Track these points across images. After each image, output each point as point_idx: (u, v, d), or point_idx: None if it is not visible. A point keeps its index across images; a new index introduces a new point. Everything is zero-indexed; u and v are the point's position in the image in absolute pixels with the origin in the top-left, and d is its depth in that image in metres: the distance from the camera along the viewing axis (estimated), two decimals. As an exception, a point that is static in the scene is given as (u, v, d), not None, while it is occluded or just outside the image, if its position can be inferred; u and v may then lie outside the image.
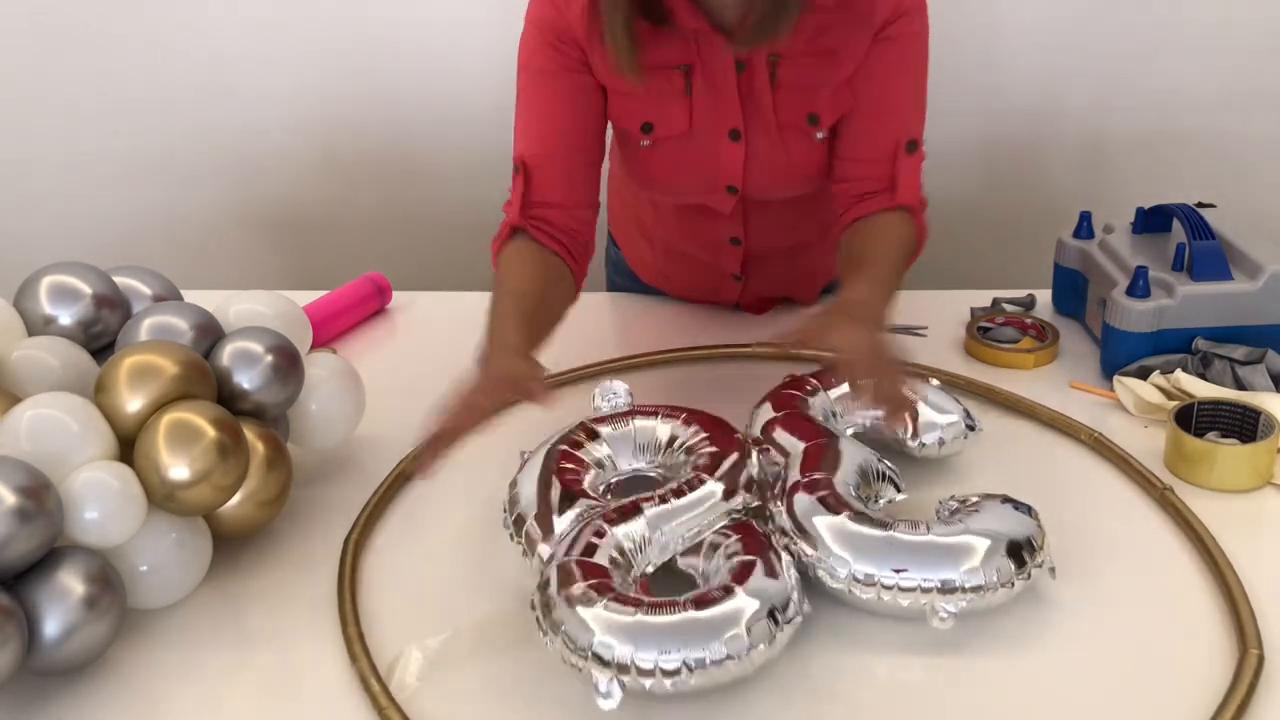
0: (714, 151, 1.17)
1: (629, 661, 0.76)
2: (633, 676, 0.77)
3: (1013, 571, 0.85)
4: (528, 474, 0.97)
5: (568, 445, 0.99)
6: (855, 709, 0.82)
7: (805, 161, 1.18)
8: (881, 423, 1.05)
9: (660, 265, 1.45)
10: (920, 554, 0.85)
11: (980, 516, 0.88)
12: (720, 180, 1.20)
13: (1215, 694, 0.80)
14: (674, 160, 1.18)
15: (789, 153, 1.17)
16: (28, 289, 1.03)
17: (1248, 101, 1.96)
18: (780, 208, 1.27)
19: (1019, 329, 1.32)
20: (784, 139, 1.16)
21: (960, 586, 0.84)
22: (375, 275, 1.48)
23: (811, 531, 0.88)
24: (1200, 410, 1.08)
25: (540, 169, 1.14)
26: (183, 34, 2.03)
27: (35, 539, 0.79)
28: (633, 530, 0.88)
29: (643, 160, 1.20)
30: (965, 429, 1.05)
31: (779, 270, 1.38)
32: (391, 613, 0.93)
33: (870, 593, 0.85)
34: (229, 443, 0.90)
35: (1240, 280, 1.18)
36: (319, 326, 1.33)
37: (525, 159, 1.15)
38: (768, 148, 1.16)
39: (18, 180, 2.17)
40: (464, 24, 1.99)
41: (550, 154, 1.14)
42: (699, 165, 1.18)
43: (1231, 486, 1.03)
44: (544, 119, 1.15)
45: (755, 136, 1.16)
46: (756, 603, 0.80)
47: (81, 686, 0.86)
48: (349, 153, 2.11)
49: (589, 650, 0.77)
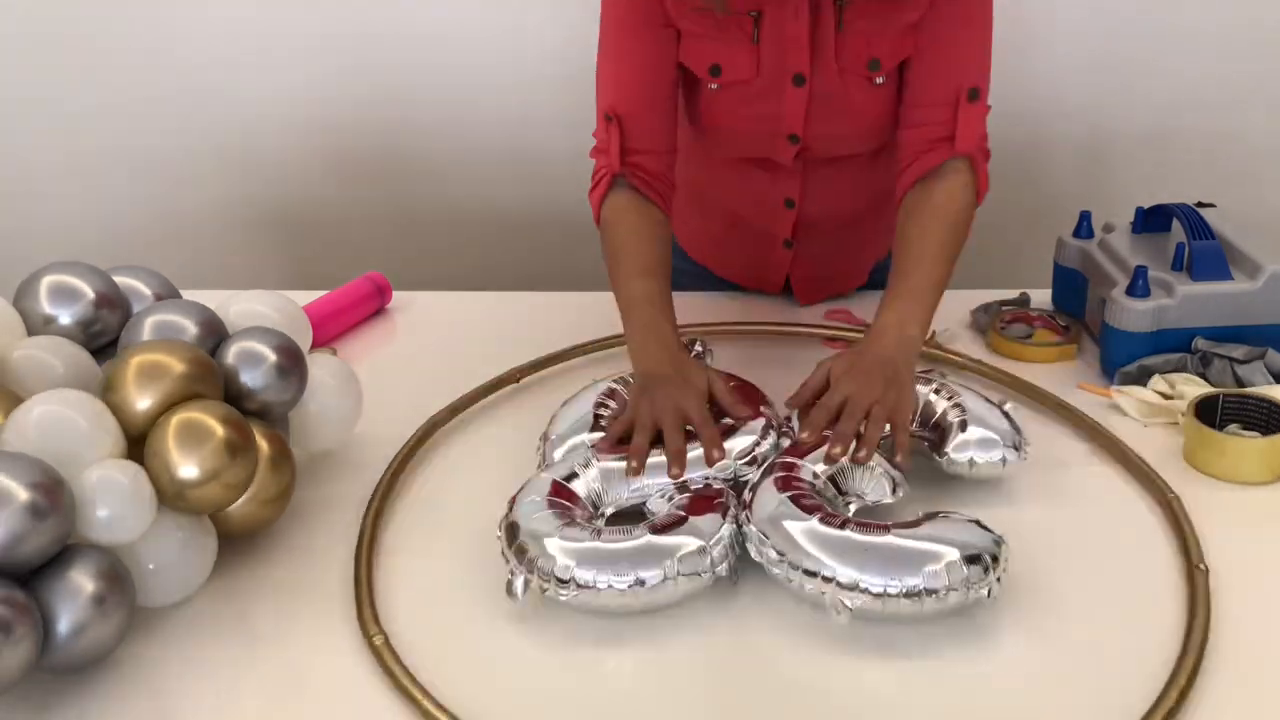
0: (778, 96, 1.20)
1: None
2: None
3: (921, 586, 0.84)
4: (572, 404, 1.08)
5: (616, 385, 1.10)
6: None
7: (865, 109, 1.21)
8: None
9: (711, 235, 1.46)
10: (838, 548, 0.86)
11: (934, 526, 0.88)
12: (783, 127, 1.23)
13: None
14: (739, 104, 1.22)
15: (849, 99, 1.20)
16: (28, 289, 1.03)
17: (1248, 101, 1.97)
18: (837, 170, 1.29)
19: (1027, 324, 1.32)
20: (845, 84, 1.19)
21: (855, 585, 0.85)
22: (375, 275, 1.48)
23: (748, 499, 0.93)
24: (1225, 403, 1.09)
25: (633, 118, 1.20)
26: (183, 34, 2.03)
27: (49, 536, 0.79)
28: (615, 470, 0.98)
29: (709, 105, 1.24)
30: (1006, 454, 1.00)
31: (830, 242, 1.38)
32: (409, 596, 0.94)
33: (779, 569, 0.88)
34: (239, 442, 0.90)
35: (1240, 280, 1.18)
36: (319, 326, 1.33)
37: (616, 109, 1.20)
38: (830, 93, 1.19)
39: (18, 180, 2.17)
40: (464, 24, 2.00)
41: (641, 104, 1.20)
42: (763, 111, 1.22)
43: (1246, 479, 1.04)
44: (633, 70, 1.20)
45: (818, 81, 1.19)
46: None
47: (89, 684, 0.86)
48: (348, 152, 2.12)
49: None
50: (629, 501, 0.98)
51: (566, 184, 2.14)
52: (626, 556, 0.87)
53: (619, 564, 0.86)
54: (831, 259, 1.42)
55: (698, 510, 0.92)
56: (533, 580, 0.88)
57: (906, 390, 1.02)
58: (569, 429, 1.05)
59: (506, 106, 2.06)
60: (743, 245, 1.42)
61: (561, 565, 0.86)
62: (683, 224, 1.48)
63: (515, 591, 0.88)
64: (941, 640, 0.87)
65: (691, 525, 0.90)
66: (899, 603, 0.84)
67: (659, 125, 1.21)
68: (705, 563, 0.87)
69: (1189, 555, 0.94)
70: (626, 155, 1.20)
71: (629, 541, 0.88)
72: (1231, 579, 0.92)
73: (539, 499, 0.93)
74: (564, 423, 1.06)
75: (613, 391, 1.09)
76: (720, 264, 1.48)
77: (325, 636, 0.90)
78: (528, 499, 0.94)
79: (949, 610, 0.85)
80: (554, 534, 0.89)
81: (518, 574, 0.89)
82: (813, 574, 0.86)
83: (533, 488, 0.95)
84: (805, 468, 0.96)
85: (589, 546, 0.88)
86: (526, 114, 2.05)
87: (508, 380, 1.25)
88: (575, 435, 1.04)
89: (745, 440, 1.00)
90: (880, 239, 1.39)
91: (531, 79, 2.01)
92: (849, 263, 1.44)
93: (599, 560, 0.87)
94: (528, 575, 0.88)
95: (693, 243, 1.49)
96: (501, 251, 2.18)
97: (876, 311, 1.11)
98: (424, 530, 1.04)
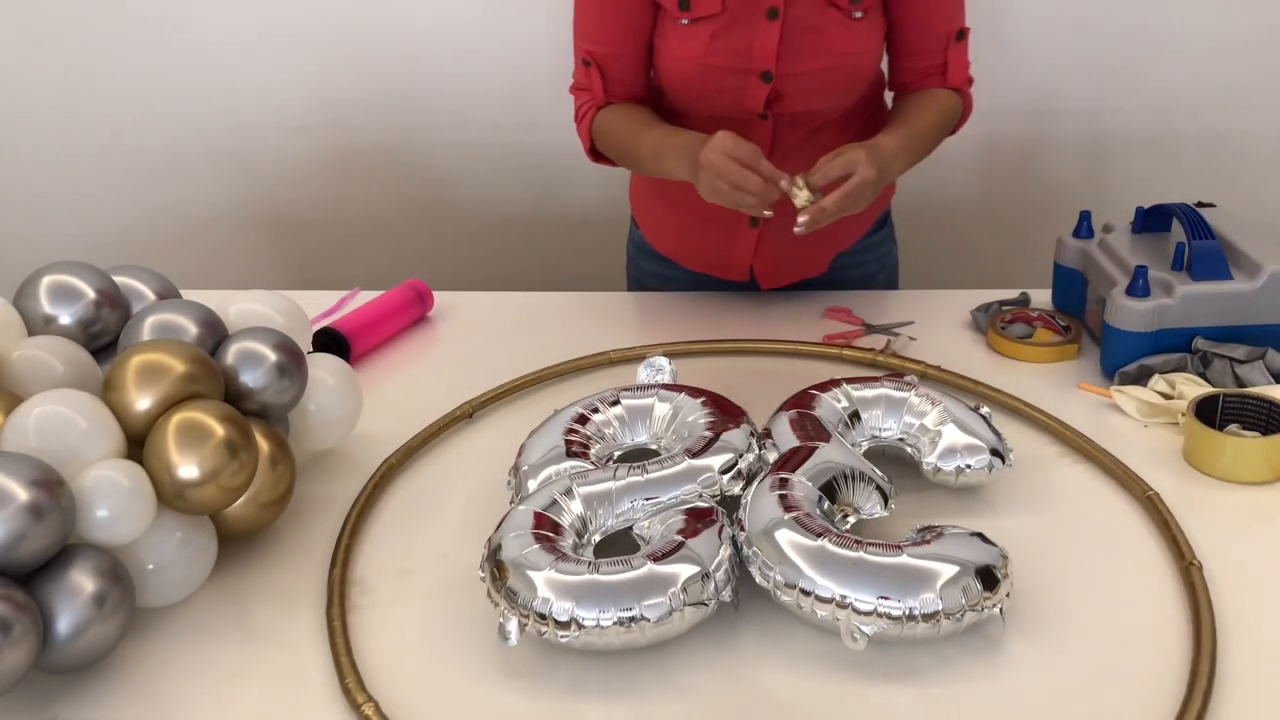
0: (750, 30, 1.24)
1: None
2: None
3: (938, 609, 0.82)
4: (541, 433, 1.03)
5: (584, 411, 1.05)
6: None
7: (839, 46, 1.27)
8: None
9: (677, 226, 1.47)
10: (846, 570, 0.83)
11: (940, 543, 0.86)
12: (755, 63, 1.26)
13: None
14: (710, 40, 1.26)
15: (825, 34, 1.25)
16: (28, 289, 1.03)
17: (1248, 101, 1.97)
18: (807, 138, 1.34)
19: (1027, 324, 1.32)
20: (823, 19, 1.25)
21: (875, 611, 0.82)
22: (416, 282, 1.46)
23: (747, 526, 0.89)
24: (1225, 403, 1.09)
25: (611, 58, 1.32)
26: (183, 34, 2.03)
27: (49, 536, 0.79)
28: (597, 494, 0.93)
29: (679, 44, 1.28)
30: (991, 462, 1.00)
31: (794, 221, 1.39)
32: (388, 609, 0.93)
33: (789, 596, 0.85)
34: (239, 442, 0.90)
35: (1240, 280, 1.18)
36: (360, 334, 1.34)
37: (594, 54, 1.32)
38: (804, 28, 1.25)
39: (18, 180, 2.18)
40: (464, 25, 2.00)
41: (616, 44, 1.32)
42: (735, 45, 1.25)
43: (1246, 479, 1.04)
44: (609, 14, 1.31)
45: (794, 15, 1.24)
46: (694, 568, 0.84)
47: (89, 684, 0.86)
48: (349, 153, 2.12)
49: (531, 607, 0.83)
50: (616, 526, 0.93)
51: (569, 184, 2.14)
52: (630, 588, 0.82)
53: (622, 597, 0.81)
54: (796, 240, 1.42)
55: (692, 533, 0.88)
56: (527, 623, 0.82)
57: (873, 192, 1.18)
58: (542, 459, 0.99)
59: (508, 106, 2.06)
60: (708, 232, 1.43)
61: (560, 607, 0.81)
62: (647, 217, 1.52)
63: (509, 634, 0.83)
64: (951, 660, 0.85)
65: (689, 550, 0.85)
66: (916, 626, 0.81)
67: (635, 66, 1.33)
68: (710, 589, 0.84)
69: (1180, 552, 0.94)
70: (611, 92, 1.34)
71: (630, 572, 0.83)
72: (1233, 579, 0.92)
73: (523, 533, 0.88)
74: (535, 453, 1.00)
75: (583, 418, 1.04)
76: (686, 255, 1.50)
77: (325, 636, 0.90)
78: (510, 534, 0.88)
79: (963, 630, 0.83)
80: (546, 569, 0.83)
81: (509, 616, 0.83)
82: (826, 600, 0.82)
83: (513, 522, 0.90)
84: (799, 483, 0.92)
85: (587, 580, 0.82)
86: (528, 114, 2.05)
87: (460, 416, 1.20)
88: (549, 465, 0.98)
89: (725, 456, 0.96)
90: (843, 227, 1.39)
91: (533, 79, 2.01)
92: (814, 246, 1.44)
93: (599, 595, 0.82)
94: (521, 617, 0.83)
95: (658, 236, 1.51)
96: (503, 251, 2.18)
97: (878, 136, 1.24)
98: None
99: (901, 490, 0.98)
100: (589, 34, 1.32)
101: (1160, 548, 0.97)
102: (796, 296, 1.46)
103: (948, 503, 1.03)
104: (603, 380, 1.27)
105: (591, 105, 1.34)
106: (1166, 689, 0.81)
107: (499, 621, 0.84)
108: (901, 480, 1.00)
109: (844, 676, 0.84)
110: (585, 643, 0.82)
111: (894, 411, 1.05)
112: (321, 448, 1.12)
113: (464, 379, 1.25)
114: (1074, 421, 1.13)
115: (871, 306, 1.43)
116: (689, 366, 1.25)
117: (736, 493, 0.95)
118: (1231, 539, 0.97)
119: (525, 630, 0.83)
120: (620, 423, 1.05)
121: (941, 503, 1.03)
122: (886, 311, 1.41)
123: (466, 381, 1.25)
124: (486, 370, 1.27)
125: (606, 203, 2.08)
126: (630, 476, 0.94)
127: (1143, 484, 1.03)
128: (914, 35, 1.33)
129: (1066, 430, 1.12)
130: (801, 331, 1.36)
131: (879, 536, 0.88)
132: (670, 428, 1.04)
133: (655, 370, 1.11)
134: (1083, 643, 0.87)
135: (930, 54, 1.33)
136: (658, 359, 1.12)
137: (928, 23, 1.32)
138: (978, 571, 0.83)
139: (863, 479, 0.95)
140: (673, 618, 0.82)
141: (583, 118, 1.36)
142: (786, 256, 1.44)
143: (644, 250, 1.55)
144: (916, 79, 1.35)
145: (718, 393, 1.06)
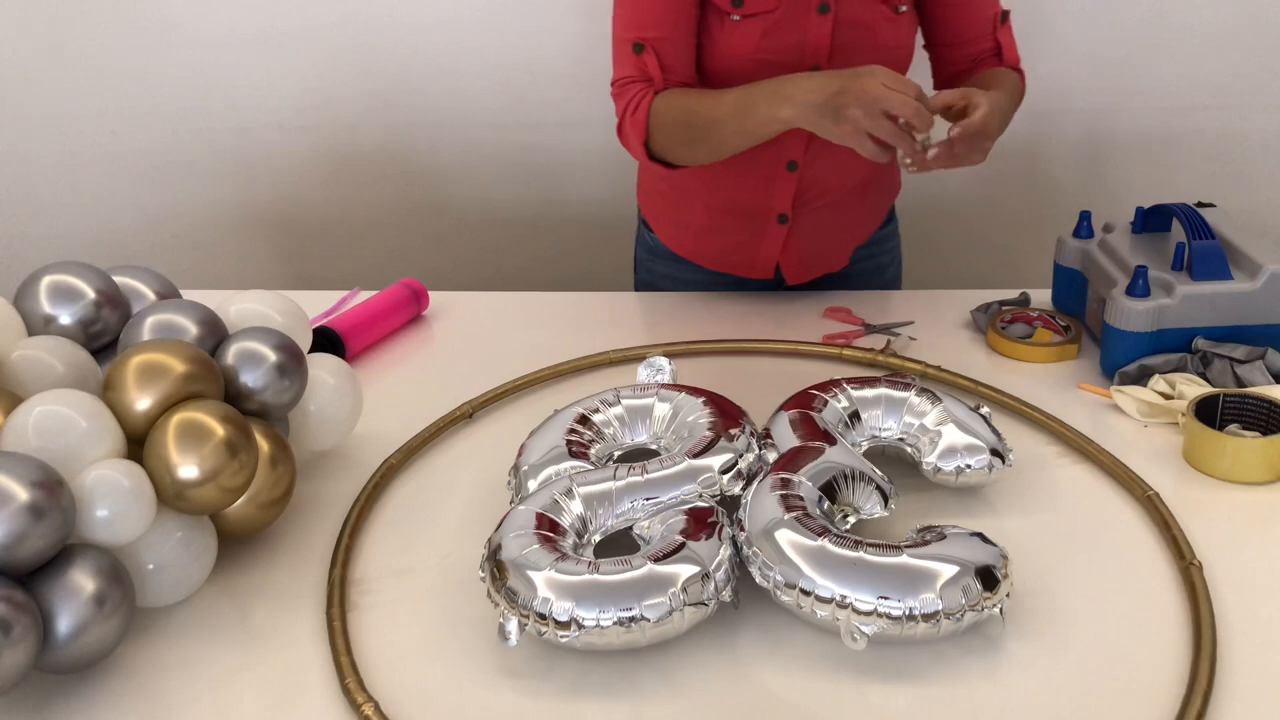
0: (802, 26, 1.24)
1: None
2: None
3: (938, 609, 0.82)
4: (541, 433, 1.03)
5: (585, 411, 1.05)
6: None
7: (888, 40, 1.28)
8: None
9: (698, 227, 1.46)
10: (846, 570, 0.83)
11: (940, 544, 0.86)
12: (806, 59, 1.25)
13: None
14: (760, 36, 1.25)
15: (874, 28, 1.25)
16: (28, 289, 1.02)
17: (1248, 101, 1.97)
18: None
19: (1027, 324, 1.32)
20: (870, 14, 1.25)
21: (875, 611, 0.82)
22: (411, 281, 1.46)
23: (748, 527, 0.89)
24: (1225, 403, 1.09)
25: (664, 41, 1.27)
26: (182, 34, 2.03)
27: (49, 536, 0.79)
28: (598, 494, 0.93)
29: (728, 40, 1.26)
30: (991, 462, 1.00)
31: (824, 217, 1.40)
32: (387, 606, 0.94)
33: (789, 596, 0.84)
34: (239, 442, 0.90)
35: (1240, 280, 1.18)
36: (354, 333, 1.34)
37: (647, 39, 1.27)
38: (855, 22, 1.25)
39: (18, 180, 2.18)
40: (464, 25, 2.00)
41: (668, 28, 1.27)
42: (786, 42, 1.25)
43: (1246, 479, 1.04)
44: (661, 2, 1.27)
45: (844, 8, 1.24)
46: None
47: (89, 684, 0.86)
48: (348, 153, 2.12)
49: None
50: (616, 526, 0.94)
51: (569, 184, 2.15)
52: (630, 588, 0.82)
53: (622, 597, 0.82)
54: (823, 234, 1.43)
55: (693, 534, 0.88)
56: (527, 623, 0.83)
57: (988, 144, 1.16)
58: (542, 459, 0.99)
59: (508, 107, 2.06)
60: (731, 230, 1.43)
61: (560, 607, 0.82)
62: (663, 221, 1.50)
63: (509, 634, 0.83)
64: (951, 660, 0.85)
65: (689, 550, 0.86)
66: (915, 626, 0.81)
67: (686, 53, 1.28)
68: (710, 589, 0.84)
69: (1180, 553, 0.94)
70: (668, 77, 1.28)
71: (630, 572, 0.83)
72: (1233, 579, 0.92)
73: (523, 532, 0.88)
74: (535, 453, 1.00)
75: (583, 418, 1.04)
76: (707, 256, 1.49)
77: (325, 636, 0.90)
78: (510, 534, 0.88)
79: (963, 629, 0.83)
80: (546, 569, 0.84)
81: (509, 616, 0.84)
82: (826, 600, 0.83)
83: (513, 522, 0.90)
84: (799, 483, 0.92)
85: (587, 580, 0.83)
86: (529, 114, 2.05)
87: (460, 416, 1.20)
88: (550, 465, 0.98)
89: (725, 456, 0.96)
90: (866, 221, 1.41)
91: (534, 79, 2.01)
92: (839, 239, 1.45)
93: (599, 595, 0.82)
94: (521, 617, 0.83)
95: (675, 239, 1.50)
96: (503, 251, 2.19)
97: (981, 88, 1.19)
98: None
99: (901, 490, 0.98)
100: (638, 21, 1.27)
101: (1160, 548, 0.97)
102: (797, 296, 1.46)
103: (948, 503, 1.03)
104: (603, 380, 1.27)
105: (647, 91, 1.28)
106: (1166, 689, 0.81)
107: (499, 621, 0.84)
108: (901, 480, 1.00)
109: (844, 676, 0.84)
110: (585, 643, 0.82)
111: (894, 411, 1.05)
112: (321, 448, 1.12)
113: (464, 379, 1.26)
114: (1074, 421, 1.13)
115: (871, 306, 1.43)
116: (689, 366, 1.25)
117: (736, 493, 0.95)
118: (1231, 539, 0.97)
119: (525, 630, 0.83)
120: (620, 423, 1.05)
121: (941, 503, 1.03)
122: (886, 311, 1.42)
123: (466, 381, 1.25)
124: (486, 370, 1.27)
125: (606, 203, 2.08)
126: (630, 476, 0.94)
127: (1143, 484, 1.03)
128: (962, 22, 1.33)
129: (1066, 430, 1.12)
130: (801, 331, 1.36)
131: (879, 536, 0.87)
132: (670, 428, 1.04)
133: (655, 370, 1.11)
134: (1083, 643, 0.87)
135: (980, 39, 1.34)
136: (657, 359, 1.12)
137: (975, 9, 1.33)
138: (978, 571, 0.83)
139: (863, 479, 0.95)
140: (673, 618, 0.82)
141: (636, 108, 1.28)
142: (813, 250, 1.44)
143: (657, 253, 1.53)
144: (971, 66, 1.35)
145: (718, 393, 1.06)
